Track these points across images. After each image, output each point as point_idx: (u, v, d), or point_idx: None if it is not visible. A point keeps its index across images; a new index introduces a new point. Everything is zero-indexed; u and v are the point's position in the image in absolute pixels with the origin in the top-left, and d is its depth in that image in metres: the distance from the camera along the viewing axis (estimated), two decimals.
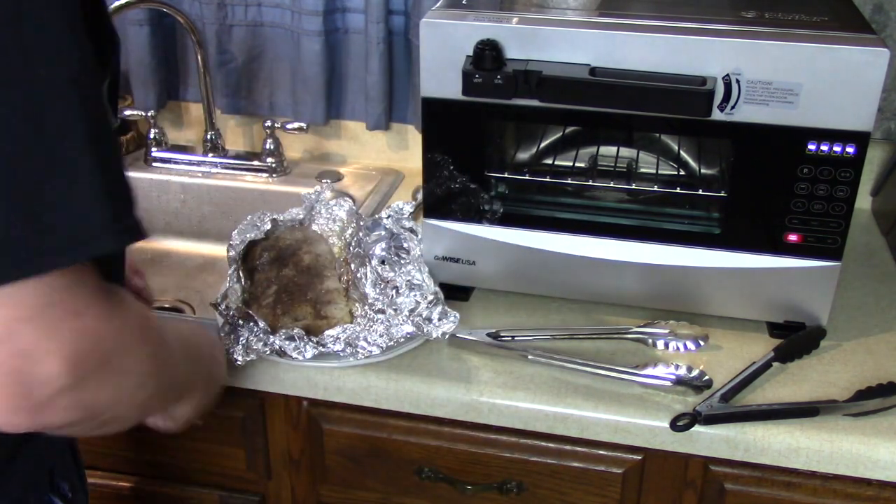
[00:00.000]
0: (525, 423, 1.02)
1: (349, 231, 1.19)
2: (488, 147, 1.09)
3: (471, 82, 1.01)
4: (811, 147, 0.98)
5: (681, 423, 0.96)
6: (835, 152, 0.98)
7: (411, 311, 1.04)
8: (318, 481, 1.15)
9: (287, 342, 1.01)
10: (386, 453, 1.10)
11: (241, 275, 1.12)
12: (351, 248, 1.16)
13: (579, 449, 1.04)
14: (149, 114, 1.58)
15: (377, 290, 1.07)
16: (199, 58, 1.50)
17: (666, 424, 0.97)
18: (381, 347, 1.02)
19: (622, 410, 0.99)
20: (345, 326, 1.03)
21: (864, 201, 1.43)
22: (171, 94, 1.66)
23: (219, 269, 1.50)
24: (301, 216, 1.20)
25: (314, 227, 1.21)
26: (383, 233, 1.16)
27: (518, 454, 1.06)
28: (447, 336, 1.04)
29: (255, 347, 1.00)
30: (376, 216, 1.19)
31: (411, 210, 1.18)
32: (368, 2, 1.44)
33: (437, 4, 1.08)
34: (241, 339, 1.01)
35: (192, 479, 1.20)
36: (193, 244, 1.55)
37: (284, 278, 1.11)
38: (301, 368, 1.05)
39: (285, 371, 1.05)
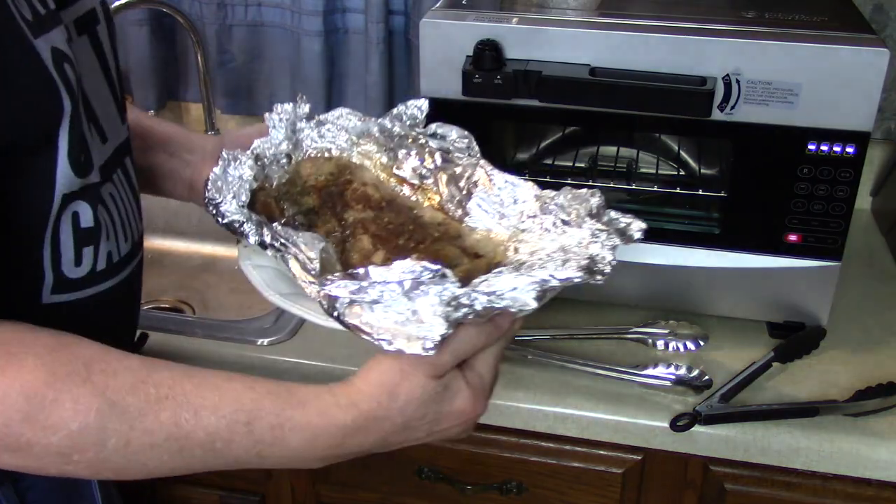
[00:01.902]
0: (525, 423, 1.01)
1: (369, 145, 0.85)
2: (488, 147, 1.09)
3: (471, 82, 1.01)
4: (811, 147, 0.98)
5: (681, 423, 0.96)
6: (835, 152, 0.98)
7: (591, 211, 0.72)
8: (318, 481, 1.15)
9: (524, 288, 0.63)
10: (386, 453, 1.10)
11: (297, 232, 0.69)
12: (408, 165, 0.82)
13: (579, 449, 1.04)
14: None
15: (507, 206, 0.77)
16: (199, 58, 1.50)
17: (666, 424, 0.97)
18: (613, 262, 0.68)
19: (622, 410, 0.99)
20: (559, 249, 0.70)
21: (864, 201, 1.43)
22: (171, 94, 1.66)
23: (219, 269, 1.51)
24: (281, 141, 0.83)
25: (311, 153, 0.85)
26: (427, 140, 0.83)
27: (518, 454, 1.06)
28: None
29: (453, 316, 0.61)
30: (383, 121, 0.85)
31: (426, 108, 0.85)
32: (368, 2, 1.44)
33: (437, 4, 1.08)
34: (424, 304, 0.61)
35: (193, 479, 1.20)
36: (193, 244, 1.55)
37: (367, 222, 0.77)
38: (300, 367, 1.05)
39: (286, 372, 1.05)
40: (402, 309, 0.61)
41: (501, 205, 0.77)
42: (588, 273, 0.65)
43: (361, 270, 0.61)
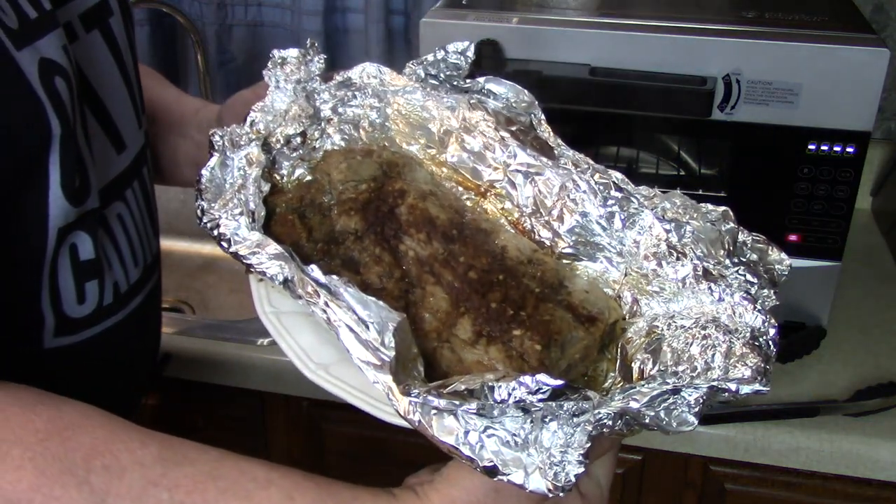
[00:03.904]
0: None
1: (409, 116, 0.63)
2: None
3: None
4: (811, 147, 0.98)
5: None
6: (835, 152, 0.98)
7: (726, 245, 0.56)
8: None
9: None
10: (386, 453, 1.10)
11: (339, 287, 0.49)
12: (463, 148, 0.61)
13: None
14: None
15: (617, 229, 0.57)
16: (199, 58, 1.50)
17: None
18: (776, 338, 0.52)
19: None
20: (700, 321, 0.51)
21: (864, 201, 1.43)
22: None
23: (219, 269, 1.51)
24: (287, 109, 0.61)
25: (335, 137, 0.63)
26: (483, 102, 0.63)
27: None
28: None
29: (590, 435, 0.45)
30: (417, 70, 0.67)
31: (471, 53, 0.66)
32: (368, 2, 1.43)
33: (437, 4, 1.08)
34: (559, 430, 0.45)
35: None
36: (193, 244, 1.55)
37: (435, 263, 0.55)
38: None
39: (286, 371, 1.05)
40: (516, 428, 0.45)
41: (610, 231, 0.57)
42: (763, 375, 0.47)
43: (467, 385, 0.45)
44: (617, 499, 1.06)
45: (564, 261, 0.59)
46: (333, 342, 0.50)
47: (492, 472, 0.45)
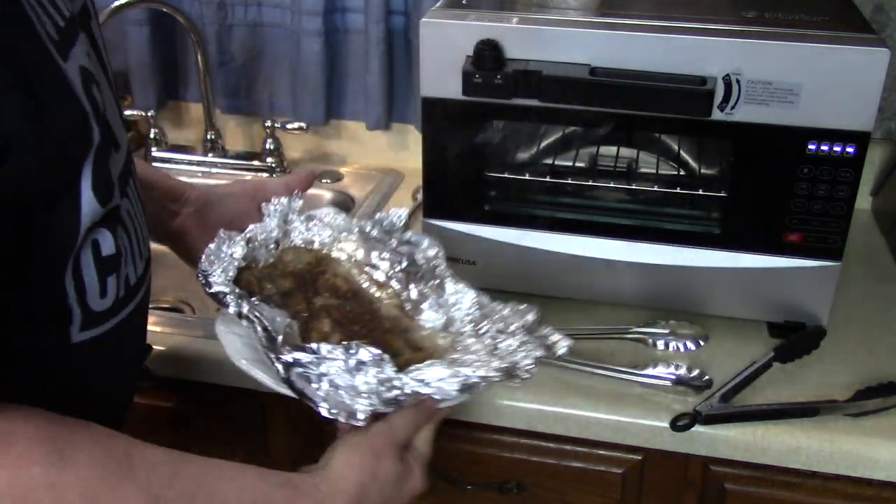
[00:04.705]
0: (525, 423, 1.02)
1: (349, 243, 0.94)
2: (488, 147, 1.09)
3: (471, 82, 1.01)
4: (811, 147, 0.98)
5: (681, 423, 0.96)
6: (835, 152, 0.98)
7: (527, 324, 0.84)
8: None
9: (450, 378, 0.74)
10: None
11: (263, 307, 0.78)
12: (379, 265, 0.92)
13: (579, 449, 1.04)
14: (149, 113, 1.58)
15: (455, 310, 0.89)
16: (199, 58, 1.50)
17: (666, 424, 0.97)
18: (532, 369, 0.79)
19: (622, 410, 0.99)
20: (477, 354, 0.81)
21: (864, 201, 1.43)
22: (171, 94, 1.66)
23: None
24: (272, 229, 0.92)
25: (298, 243, 0.95)
26: (403, 246, 0.93)
27: (518, 454, 1.06)
28: (564, 350, 0.82)
29: (385, 395, 0.72)
30: (364, 224, 0.96)
31: (404, 219, 0.96)
32: (368, 2, 1.44)
33: (437, 4, 1.08)
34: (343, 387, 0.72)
35: None
36: None
37: (331, 308, 0.86)
38: None
39: None
40: (344, 383, 0.71)
41: (449, 310, 0.88)
42: (507, 375, 0.76)
43: (314, 346, 0.71)
44: (617, 499, 1.06)
45: (421, 324, 0.88)
46: (258, 352, 0.77)
47: (326, 410, 0.70)
